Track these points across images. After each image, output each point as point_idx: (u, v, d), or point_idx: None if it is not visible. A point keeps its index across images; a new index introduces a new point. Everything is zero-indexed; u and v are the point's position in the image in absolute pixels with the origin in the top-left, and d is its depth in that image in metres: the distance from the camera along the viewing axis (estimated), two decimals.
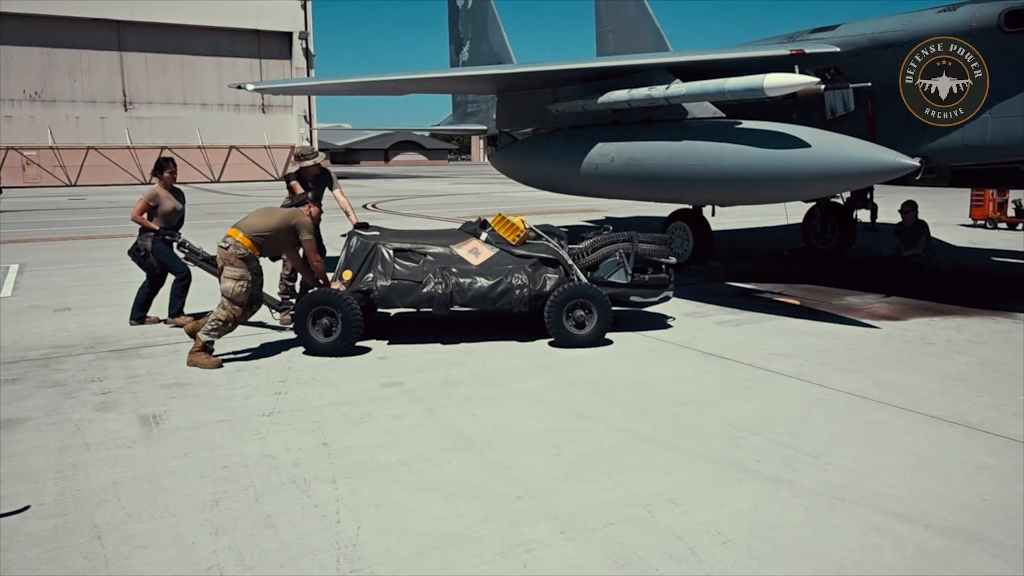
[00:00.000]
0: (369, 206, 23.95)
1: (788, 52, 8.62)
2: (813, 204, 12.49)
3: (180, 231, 7.58)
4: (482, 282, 6.72)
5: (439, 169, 78.91)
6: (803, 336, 7.09)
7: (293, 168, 8.03)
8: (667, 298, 7.35)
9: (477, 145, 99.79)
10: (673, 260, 7.51)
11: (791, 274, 10.55)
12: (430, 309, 6.75)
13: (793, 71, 8.23)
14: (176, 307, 7.53)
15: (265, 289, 6.67)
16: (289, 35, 46.36)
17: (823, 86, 8.00)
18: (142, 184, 41.65)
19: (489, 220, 7.48)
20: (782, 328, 7.45)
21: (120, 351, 6.63)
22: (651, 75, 9.38)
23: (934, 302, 8.54)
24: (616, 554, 3.24)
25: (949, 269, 10.65)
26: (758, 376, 5.86)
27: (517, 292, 6.71)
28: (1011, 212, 16.07)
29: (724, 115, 9.03)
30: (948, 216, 17.53)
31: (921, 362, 6.23)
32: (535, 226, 7.38)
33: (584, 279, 6.96)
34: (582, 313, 6.71)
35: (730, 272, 10.55)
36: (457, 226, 8.08)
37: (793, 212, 13.40)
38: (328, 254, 7.84)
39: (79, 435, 4.62)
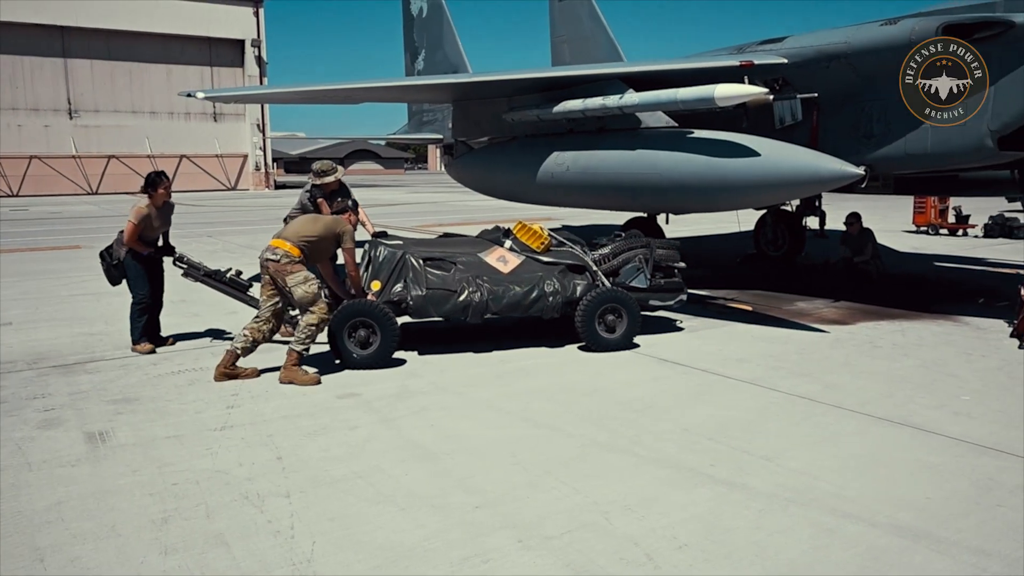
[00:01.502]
0: None
1: (738, 63, 8.81)
2: (764, 212, 12.77)
3: (175, 247, 7.33)
4: (516, 290, 6.76)
5: (395, 178, 78.42)
6: (755, 341, 7.23)
7: (315, 183, 7.86)
8: (682, 301, 7.50)
9: (434, 154, 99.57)
10: (683, 265, 7.64)
11: (743, 280, 10.75)
12: (464, 319, 6.71)
13: (743, 82, 8.41)
14: (137, 333, 6.97)
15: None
16: (241, 43, 45.55)
17: (771, 96, 8.20)
18: (88, 194, 40.60)
19: (511, 228, 7.53)
20: (735, 333, 7.58)
21: (64, 367, 6.43)
22: (605, 85, 9.48)
23: (880, 306, 8.80)
24: (573, 561, 3.25)
25: (894, 274, 10.99)
26: (712, 381, 5.96)
27: (550, 299, 6.79)
28: (952, 218, 16.68)
29: (677, 124, 9.18)
30: (891, 222, 18.09)
31: (868, 365, 6.40)
32: (554, 231, 7.48)
33: (608, 284, 7.05)
34: (613, 318, 6.82)
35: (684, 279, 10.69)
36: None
37: (745, 220, 13.67)
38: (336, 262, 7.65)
39: (20, 454, 4.46)
